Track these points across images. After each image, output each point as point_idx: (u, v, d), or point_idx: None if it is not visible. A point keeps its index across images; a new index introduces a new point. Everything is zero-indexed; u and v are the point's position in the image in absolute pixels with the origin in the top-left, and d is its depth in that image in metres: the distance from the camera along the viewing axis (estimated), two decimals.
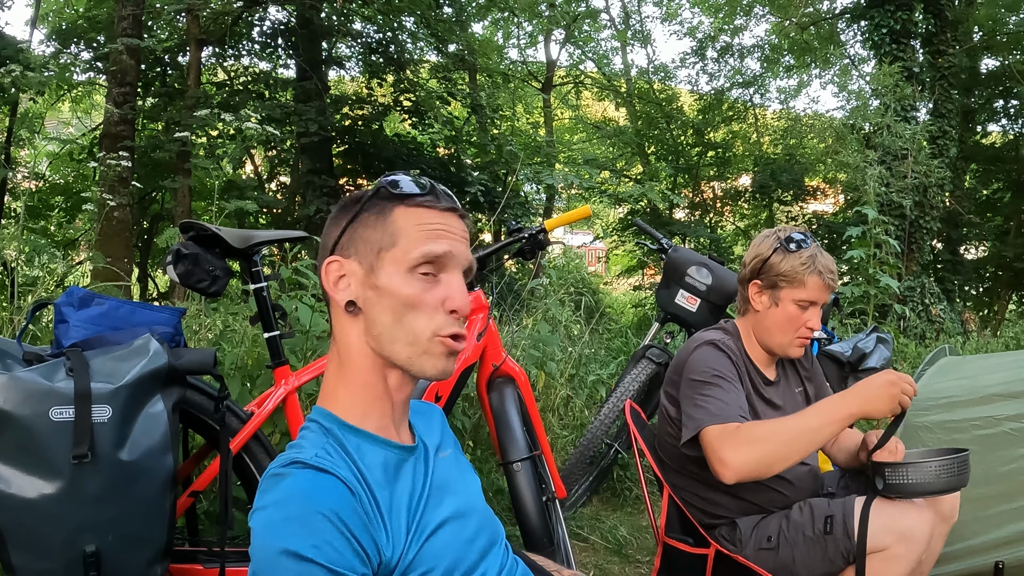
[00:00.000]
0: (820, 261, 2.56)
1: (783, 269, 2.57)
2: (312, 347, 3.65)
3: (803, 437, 2.29)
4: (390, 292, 1.36)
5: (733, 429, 2.33)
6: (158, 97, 11.71)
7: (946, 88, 14.00)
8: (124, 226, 9.03)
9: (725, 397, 2.44)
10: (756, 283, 2.65)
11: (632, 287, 20.39)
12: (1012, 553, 2.83)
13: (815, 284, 2.55)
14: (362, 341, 1.40)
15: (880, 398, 2.29)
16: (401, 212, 1.39)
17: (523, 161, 12.05)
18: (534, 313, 6.02)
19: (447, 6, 12.69)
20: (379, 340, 1.38)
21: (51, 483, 1.87)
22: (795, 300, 2.57)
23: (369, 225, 1.40)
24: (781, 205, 20.62)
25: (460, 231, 1.43)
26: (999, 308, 18.25)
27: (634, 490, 4.70)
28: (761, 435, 2.31)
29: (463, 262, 1.41)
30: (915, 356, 7.85)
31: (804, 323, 2.57)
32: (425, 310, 1.36)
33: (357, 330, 1.41)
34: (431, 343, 1.36)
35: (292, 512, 1.22)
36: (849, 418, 2.31)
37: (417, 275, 1.37)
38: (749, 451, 2.28)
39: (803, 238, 2.61)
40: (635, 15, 24.00)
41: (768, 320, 2.63)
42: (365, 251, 1.39)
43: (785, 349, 2.63)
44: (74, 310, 2.19)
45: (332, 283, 1.41)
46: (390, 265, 1.37)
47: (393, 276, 1.37)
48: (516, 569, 1.58)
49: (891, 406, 2.28)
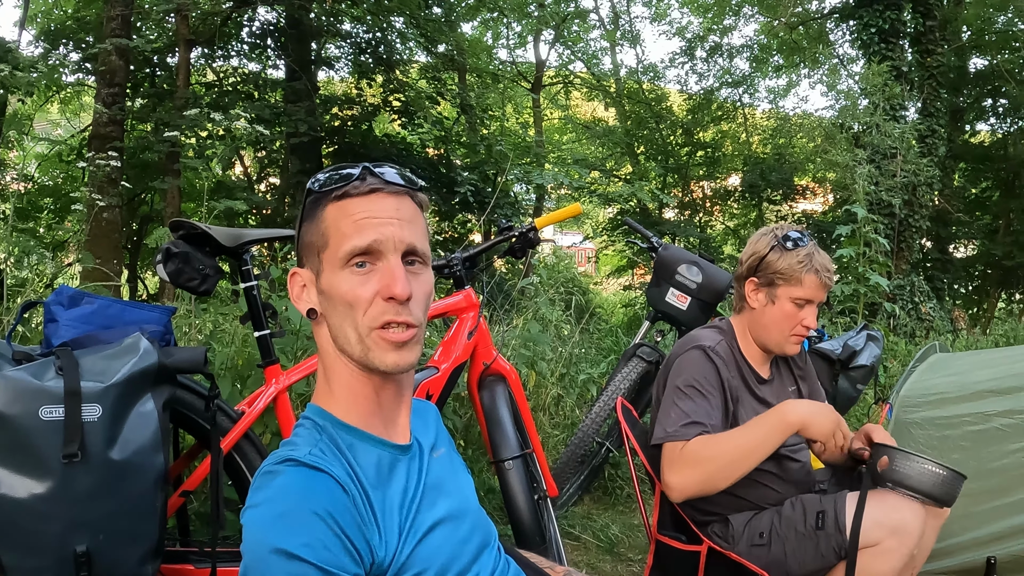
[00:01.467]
0: (817, 259, 2.57)
1: (780, 267, 2.58)
2: (303, 347, 3.64)
3: (746, 453, 2.38)
4: (330, 294, 1.35)
5: (679, 449, 2.41)
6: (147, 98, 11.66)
7: (935, 87, 14.05)
8: (113, 227, 8.99)
9: (692, 411, 2.48)
10: (753, 280, 2.66)
11: (622, 287, 20.41)
12: (1004, 548, 2.84)
13: (812, 282, 2.56)
14: (331, 344, 1.40)
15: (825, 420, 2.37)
16: (330, 209, 1.37)
17: (513, 161, 12.04)
18: (524, 313, 6.02)
19: (436, 6, 12.68)
20: (338, 342, 1.38)
21: (42, 482, 1.86)
22: (792, 298, 2.58)
23: (309, 230, 1.39)
24: (770, 204, 20.66)
25: (389, 212, 1.36)
26: (988, 306, 18.33)
27: (626, 488, 4.71)
28: (705, 455, 2.38)
29: (397, 245, 1.34)
30: (905, 354, 7.87)
31: (800, 321, 2.58)
32: (361, 305, 1.33)
33: (325, 335, 1.41)
34: (370, 338, 1.33)
35: (284, 510, 1.21)
36: (790, 427, 2.38)
37: (350, 271, 1.33)
38: (691, 473, 2.39)
39: (800, 236, 2.62)
40: (624, 15, 24.03)
41: (765, 317, 2.64)
42: (310, 257, 1.40)
43: (781, 346, 2.64)
44: (63, 309, 2.19)
45: (295, 295, 1.42)
46: (327, 266, 1.36)
47: (331, 277, 1.35)
48: (508, 570, 1.58)
49: (830, 431, 2.35)
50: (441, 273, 3.14)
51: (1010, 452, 2.94)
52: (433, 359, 2.99)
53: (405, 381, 1.45)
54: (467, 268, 3.17)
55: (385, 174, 1.39)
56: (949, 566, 2.93)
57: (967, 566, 2.90)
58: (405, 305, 1.33)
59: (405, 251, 1.35)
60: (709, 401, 2.52)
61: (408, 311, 1.34)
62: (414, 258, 1.38)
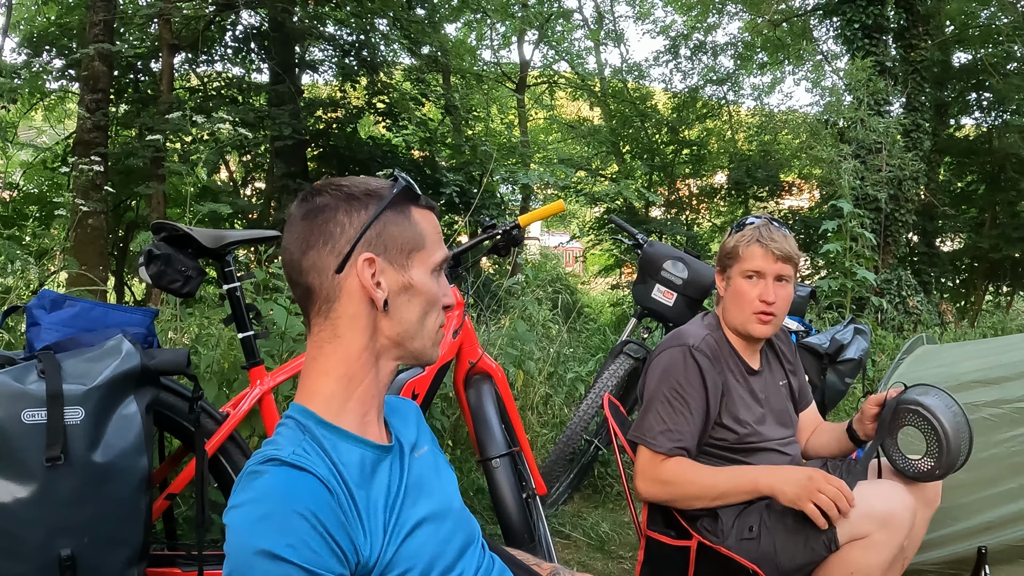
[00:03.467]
0: (763, 232, 2.60)
1: (728, 247, 2.66)
2: (288, 348, 3.63)
3: (708, 496, 2.50)
4: (421, 292, 1.41)
5: (658, 462, 2.52)
6: (131, 104, 11.62)
7: (919, 82, 14.09)
8: (99, 233, 8.96)
9: (670, 418, 2.53)
10: (718, 271, 2.72)
11: (610, 286, 20.42)
12: (995, 538, 2.85)
13: (755, 253, 2.59)
14: (369, 337, 1.40)
15: (792, 485, 2.37)
16: (417, 214, 1.45)
17: (498, 162, 12.03)
18: (511, 312, 6.02)
19: (419, 7, 12.67)
20: (403, 336, 1.42)
21: (24, 486, 1.85)
22: (741, 272, 2.62)
23: (397, 224, 1.41)
24: (757, 201, 20.68)
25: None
26: (976, 299, 18.39)
27: (615, 486, 4.71)
28: (674, 480, 2.51)
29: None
30: (893, 348, 7.89)
31: (757, 296, 2.59)
32: (438, 307, 1.45)
33: (372, 327, 1.40)
34: (438, 335, 1.47)
35: (268, 511, 1.21)
36: (756, 493, 2.46)
37: (435, 275, 1.45)
38: (660, 489, 2.54)
39: (756, 220, 2.65)
40: (608, 15, 24.06)
41: (727, 302, 2.69)
42: (395, 251, 1.40)
43: (746, 327, 2.65)
44: (46, 313, 2.18)
45: (370, 281, 1.38)
46: (419, 266, 1.42)
47: (423, 277, 1.42)
48: (492, 567, 1.58)
49: (799, 495, 2.34)
50: None
51: (999, 442, 2.95)
52: None
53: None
54: (451, 267, 3.16)
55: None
56: (940, 557, 2.93)
57: (958, 556, 2.90)
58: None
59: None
60: (689, 407, 2.54)
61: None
62: None
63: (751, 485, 2.45)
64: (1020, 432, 2.98)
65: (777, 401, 2.78)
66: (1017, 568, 2.84)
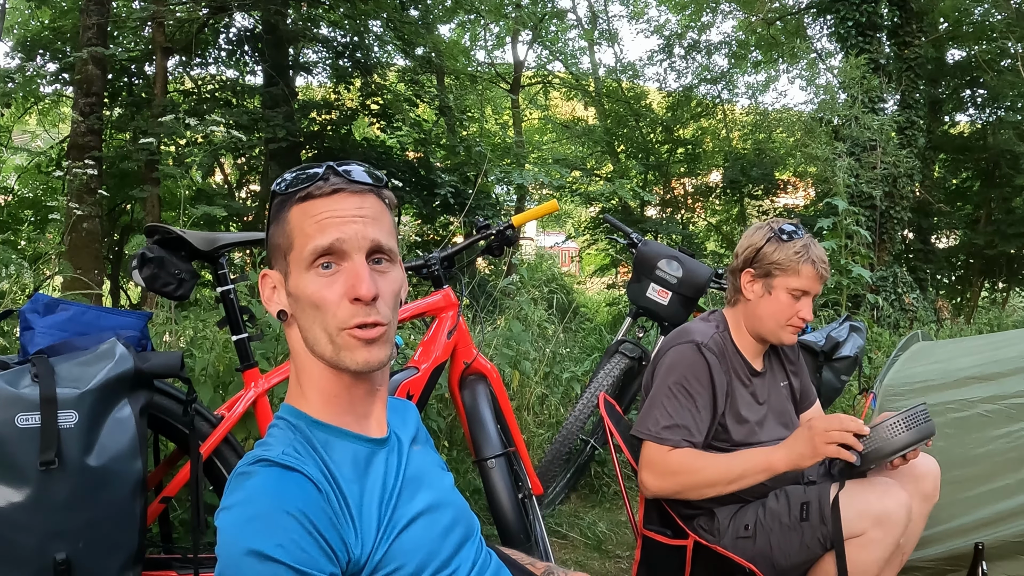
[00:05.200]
0: (813, 251, 2.61)
1: (777, 258, 2.61)
2: (284, 350, 3.62)
3: (724, 481, 2.45)
4: (298, 296, 1.34)
5: (664, 454, 2.49)
6: (125, 107, 11.60)
7: (913, 79, 14.10)
8: (93, 237, 8.93)
9: (677, 413, 2.52)
10: (749, 271, 2.67)
11: (606, 286, 20.40)
12: (991, 534, 2.85)
13: (809, 273, 2.59)
14: (302, 344, 1.38)
15: (801, 446, 2.37)
16: (294, 211, 1.36)
17: (493, 162, 12.03)
18: (506, 313, 6.02)
19: (413, 9, 12.67)
20: (307, 343, 1.36)
21: (19, 491, 1.84)
22: (789, 288, 2.60)
23: (275, 232, 1.38)
24: (752, 200, 20.68)
25: (352, 210, 1.35)
26: (971, 295, 18.38)
27: (612, 486, 4.71)
28: (683, 469, 2.47)
29: (361, 243, 1.33)
30: (889, 345, 7.89)
31: (796, 312, 2.60)
32: (328, 306, 1.31)
33: (296, 335, 1.39)
34: (340, 338, 1.32)
35: (258, 511, 1.20)
36: (772, 472, 2.42)
37: (316, 272, 1.33)
38: (667, 482, 2.51)
39: (795, 229, 2.65)
40: (602, 14, 24.04)
41: (760, 308, 2.65)
42: (278, 259, 1.39)
43: (777, 335, 2.65)
44: (39, 316, 2.18)
45: (266, 296, 1.41)
46: (294, 268, 1.35)
47: (298, 279, 1.34)
48: (490, 562, 1.57)
49: (814, 449, 2.34)
50: (420, 273, 3.14)
51: (994, 438, 2.95)
52: (413, 359, 2.99)
53: (378, 377, 1.43)
54: (445, 268, 3.17)
55: (350, 172, 1.38)
56: (937, 553, 2.93)
57: (955, 552, 2.90)
58: (372, 305, 1.32)
59: (370, 249, 1.34)
60: (696, 402, 2.55)
61: (376, 311, 1.32)
62: (380, 256, 1.36)
63: (766, 466, 2.41)
64: (1016, 428, 2.98)
65: (778, 402, 2.79)
66: (1014, 563, 2.85)
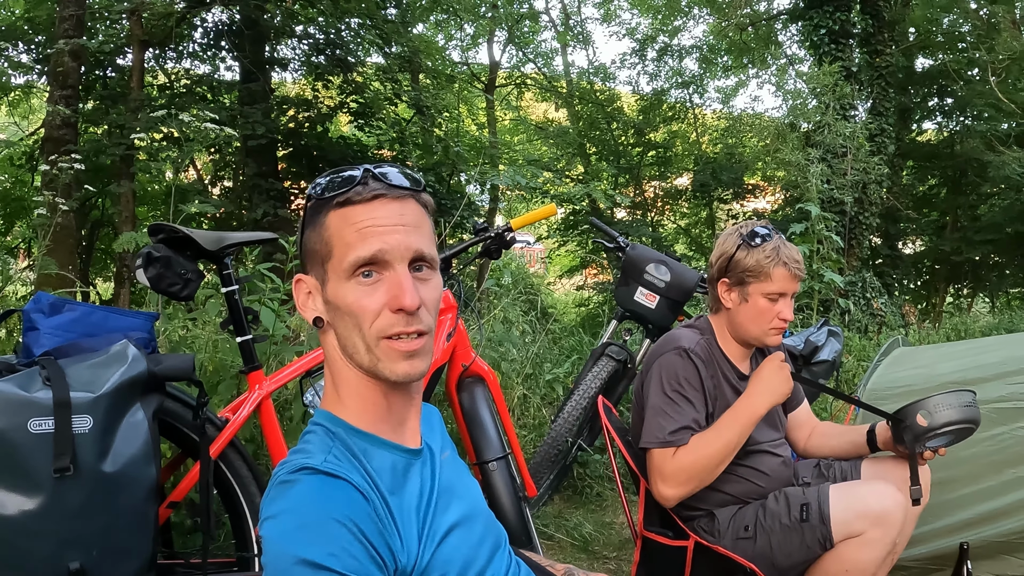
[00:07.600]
0: (784, 252, 2.60)
1: (748, 264, 2.61)
2: (275, 351, 3.61)
3: (729, 451, 2.52)
4: (337, 304, 1.32)
5: (669, 456, 2.52)
6: (99, 100, 11.45)
7: (883, 87, 14.24)
8: (68, 233, 8.79)
9: (681, 417, 2.55)
10: (724, 281, 2.69)
11: (575, 287, 20.43)
12: (976, 534, 2.91)
13: (781, 275, 2.60)
14: (339, 352, 1.36)
15: (780, 382, 2.59)
16: (332, 217, 1.33)
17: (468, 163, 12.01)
18: (487, 315, 6.03)
19: (391, 7, 12.61)
20: (346, 351, 1.34)
21: (32, 498, 1.82)
22: (764, 294, 2.61)
23: (312, 238, 1.35)
24: (721, 203, 20.81)
25: (393, 219, 1.32)
26: (937, 301, 18.63)
27: (595, 487, 4.73)
28: (693, 462, 2.50)
29: (404, 253, 1.30)
30: (860, 349, 7.98)
31: (777, 314, 2.61)
32: (368, 316, 1.29)
33: (332, 343, 1.37)
34: (379, 348, 1.30)
35: (306, 519, 1.19)
36: (759, 416, 2.56)
37: (356, 281, 1.30)
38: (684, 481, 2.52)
39: (767, 232, 2.65)
40: (575, 16, 24.07)
41: (740, 316, 2.66)
42: (314, 265, 1.35)
43: (762, 340, 2.68)
44: (44, 317, 2.13)
45: (301, 302, 1.38)
46: (333, 276, 1.32)
47: (337, 288, 1.31)
48: (519, 571, 1.57)
49: (785, 378, 2.59)
50: None
51: (978, 441, 2.99)
52: None
53: (415, 386, 1.41)
54: (443, 270, 3.16)
55: (388, 176, 1.35)
56: (923, 553, 3.00)
57: (941, 552, 2.96)
58: (415, 315, 1.29)
59: (412, 258, 1.32)
60: (694, 405, 2.57)
61: (419, 320, 1.30)
62: (422, 263, 1.34)
63: (753, 416, 2.54)
64: (999, 432, 3.05)
65: None
66: (998, 563, 2.92)
